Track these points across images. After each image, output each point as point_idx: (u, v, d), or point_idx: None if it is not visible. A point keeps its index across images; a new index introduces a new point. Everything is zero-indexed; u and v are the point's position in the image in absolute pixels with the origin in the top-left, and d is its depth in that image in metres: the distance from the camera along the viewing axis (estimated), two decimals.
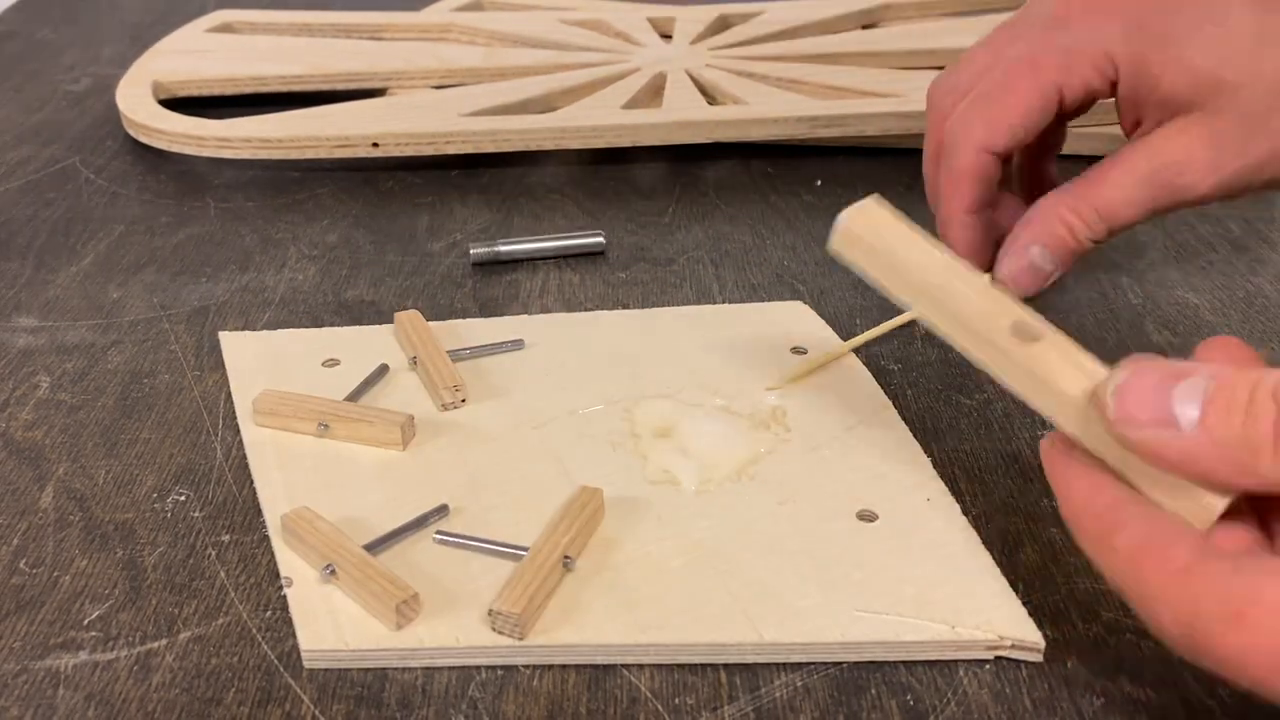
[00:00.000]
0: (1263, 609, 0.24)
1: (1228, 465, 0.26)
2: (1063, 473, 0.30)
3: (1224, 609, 0.25)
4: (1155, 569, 0.26)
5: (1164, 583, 0.26)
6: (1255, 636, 0.24)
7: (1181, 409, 0.27)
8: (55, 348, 0.48)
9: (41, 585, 0.36)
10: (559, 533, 0.36)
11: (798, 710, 0.32)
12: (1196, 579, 0.26)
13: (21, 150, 0.67)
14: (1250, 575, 0.25)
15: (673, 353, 0.46)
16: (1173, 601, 0.26)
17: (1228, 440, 0.26)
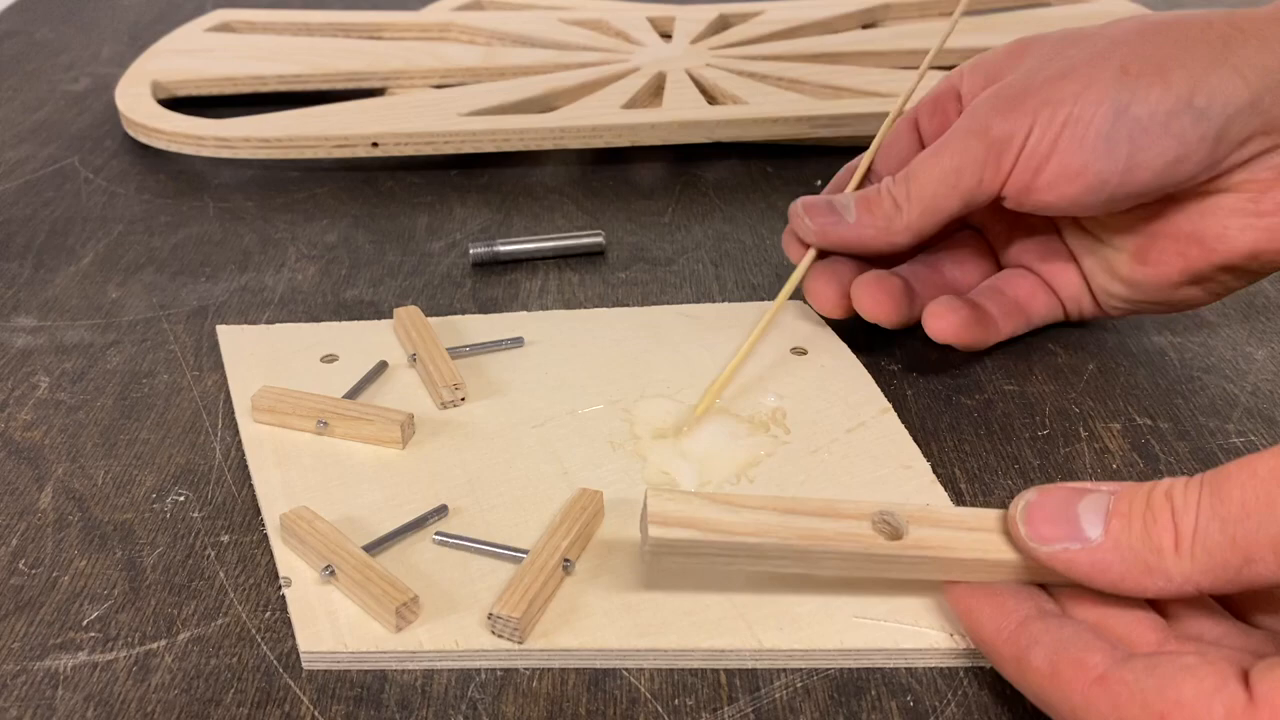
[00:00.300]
0: (1182, 710, 0.25)
1: (1136, 569, 0.27)
2: (967, 603, 0.31)
3: (1145, 713, 0.25)
4: (1073, 680, 0.27)
5: (1085, 693, 0.27)
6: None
7: (1087, 522, 0.28)
8: (54, 348, 0.48)
9: (40, 586, 0.36)
10: (558, 535, 0.36)
11: (798, 711, 0.32)
12: (1115, 685, 0.26)
13: (20, 150, 0.67)
14: (1166, 676, 0.25)
15: (673, 352, 0.46)
16: (1096, 711, 0.26)
17: (1132, 545, 0.27)
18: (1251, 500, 0.26)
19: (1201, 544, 0.26)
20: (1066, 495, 0.29)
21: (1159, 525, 0.27)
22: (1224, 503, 0.26)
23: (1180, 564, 0.27)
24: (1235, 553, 0.26)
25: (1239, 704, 0.24)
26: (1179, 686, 0.25)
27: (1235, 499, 0.26)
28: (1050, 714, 0.28)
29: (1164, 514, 0.27)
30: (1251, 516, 0.26)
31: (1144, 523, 0.27)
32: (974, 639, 0.31)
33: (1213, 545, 0.26)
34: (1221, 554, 0.26)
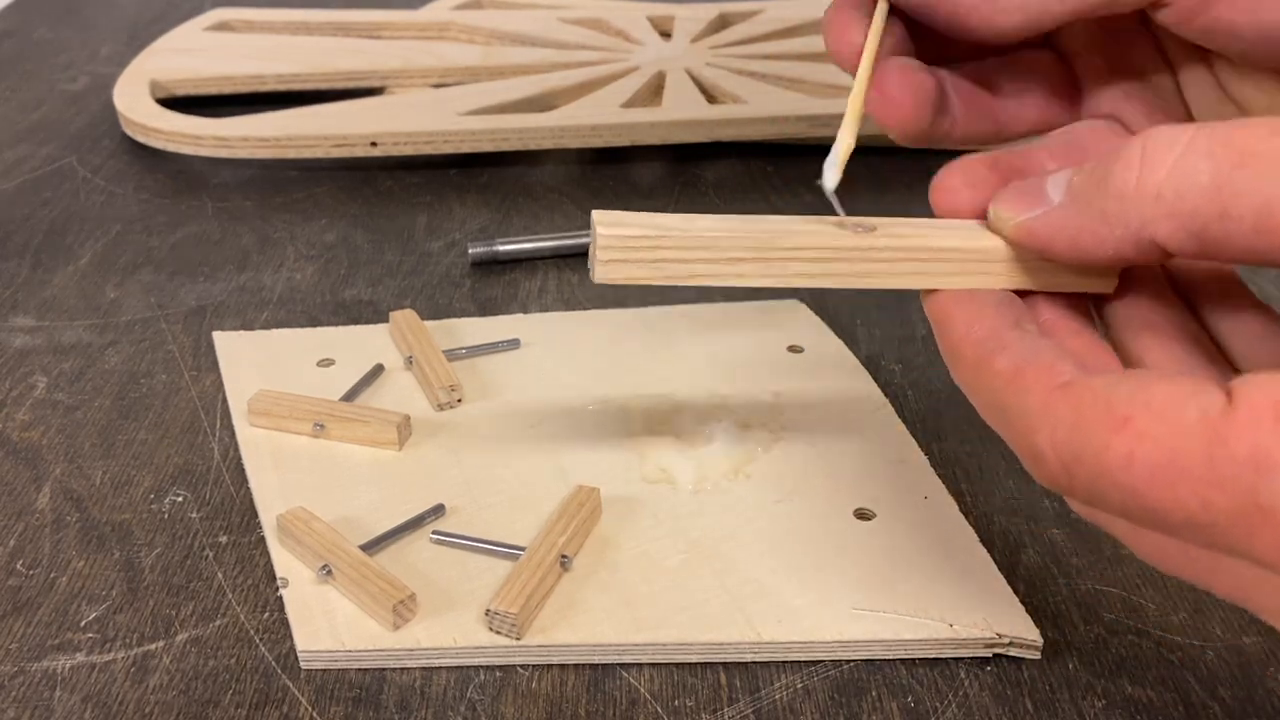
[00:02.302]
0: (1151, 412, 0.21)
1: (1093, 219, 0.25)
2: (942, 306, 0.28)
3: (1109, 416, 0.22)
4: (1036, 384, 0.24)
5: (1045, 398, 0.23)
6: (1140, 443, 0.21)
7: (1053, 188, 0.26)
8: (52, 348, 0.48)
9: (38, 586, 0.36)
10: (556, 532, 0.36)
11: (798, 712, 0.32)
12: (1081, 389, 0.23)
13: (18, 149, 0.67)
14: (1137, 381, 0.22)
15: (670, 351, 0.46)
16: (1053, 415, 0.23)
17: (1089, 193, 0.25)
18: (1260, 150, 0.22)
19: (1176, 181, 0.23)
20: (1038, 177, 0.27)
21: (1122, 164, 0.24)
22: (1222, 144, 0.22)
23: (1141, 205, 0.23)
24: (1212, 201, 0.22)
25: (1216, 406, 0.21)
26: (1149, 389, 0.22)
27: (1237, 145, 0.22)
28: (1000, 425, 0.26)
29: (1132, 153, 0.24)
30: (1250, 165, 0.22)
31: (1106, 169, 0.24)
32: (943, 343, 0.28)
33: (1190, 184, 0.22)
34: (1195, 197, 0.22)
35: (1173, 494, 0.21)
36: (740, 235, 0.28)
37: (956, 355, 0.27)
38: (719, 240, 0.28)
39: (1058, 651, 0.33)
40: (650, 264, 0.28)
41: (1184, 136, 0.23)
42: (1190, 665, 0.33)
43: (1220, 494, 0.20)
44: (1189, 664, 0.33)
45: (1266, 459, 0.20)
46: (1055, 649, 0.34)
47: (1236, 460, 0.20)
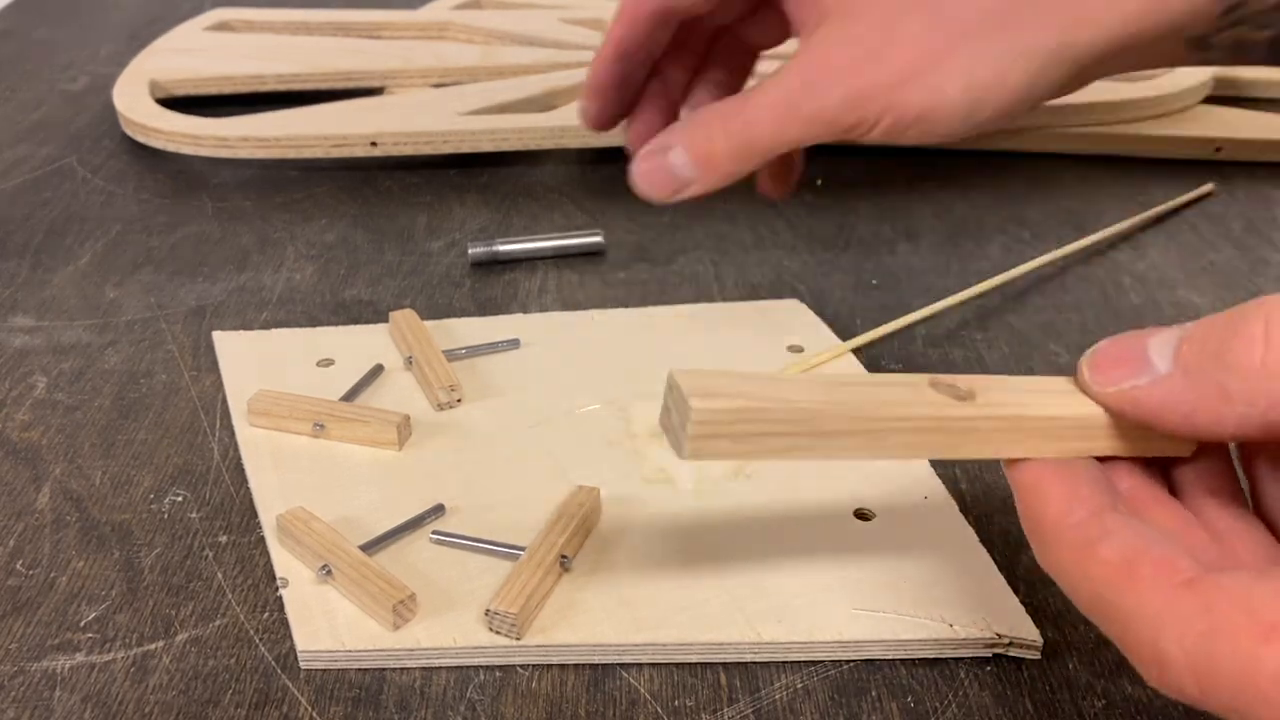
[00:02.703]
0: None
1: (1210, 395, 0.23)
2: (1036, 478, 0.26)
3: (1253, 623, 0.20)
4: (1154, 580, 0.22)
5: (1168, 596, 0.22)
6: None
7: (1157, 355, 0.25)
8: (52, 348, 0.48)
9: (38, 586, 0.36)
10: (555, 532, 0.36)
11: (798, 712, 0.32)
12: (1213, 589, 0.21)
13: (18, 149, 0.67)
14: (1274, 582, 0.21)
15: (670, 351, 0.46)
16: (1180, 616, 0.21)
17: (1204, 368, 0.23)
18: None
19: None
20: (1137, 335, 0.25)
21: (1240, 339, 0.23)
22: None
23: (1270, 383, 0.22)
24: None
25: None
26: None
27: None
28: (1105, 621, 0.23)
29: (1252, 324, 0.23)
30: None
31: (1220, 342, 0.23)
32: (1033, 521, 0.26)
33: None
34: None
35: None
36: (838, 405, 0.26)
37: (1055, 538, 0.25)
38: (818, 414, 0.26)
39: (1058, 652, 0.33)
40: (747, 438, 0.26)
41: None
42: None
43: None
44: None
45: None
46: (1055, 649, 0.34)
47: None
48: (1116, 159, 0.65)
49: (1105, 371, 0.26)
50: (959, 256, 0.55)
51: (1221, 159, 0.64)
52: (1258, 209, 0.59)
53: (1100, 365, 0.26)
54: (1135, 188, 0.62)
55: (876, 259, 0.55)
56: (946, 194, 0.61)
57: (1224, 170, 0.63)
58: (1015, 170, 0.64)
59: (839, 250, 0.56)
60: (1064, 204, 0.60)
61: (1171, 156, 0.64)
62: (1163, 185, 0.62)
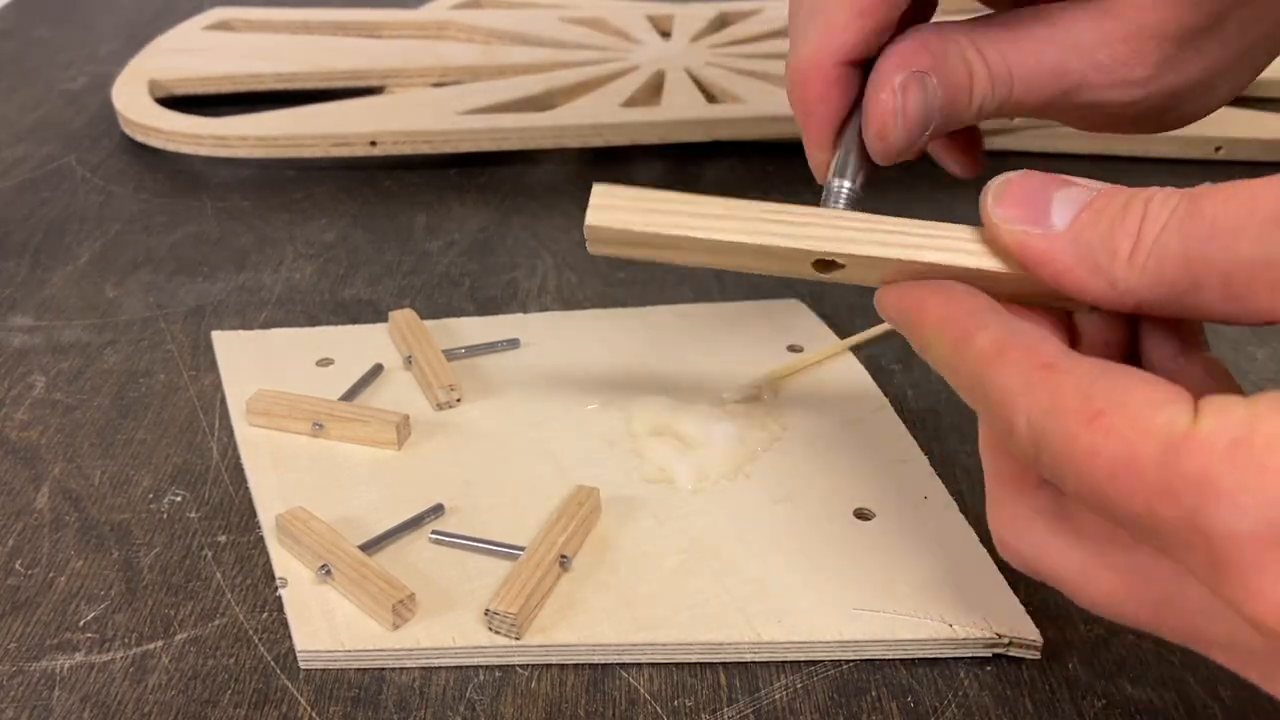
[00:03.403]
0: (1124, 414, 0.22)
1: (1085, 266, 0.25)
2: (914, 294, 0.28)
3: (1084, 406, 0.23)
4: (1018, 362, 0.24)
5: (1026, 377, 0.24)
6: (1107, 440, 0.22)
7: (1058, 210, 0.26)
8: (51, 347, 0.48)
9: (37, 586, 0.36)
10: (555, 532, 0.36)
11: (797, 712, 0.32)
12: (1061, 373, 0.24)
13: (17, 149, 0.66)
14: (1119, 377, 0.23)
15: (669, 351, 0.46)
16: (1031, 395, 0.24)
17: (1090, 242, 0.25)
18: (1222, 221, 0.23)
19: (1156, 255, 0.24)
20: (1046, 181, 0.27)
21: (1124, 227, 0.25)
22: (1193, 218, 0.24)
23: (1129, 273, 0.25)
24: (1185, 273, 0.24)
25: (1182, 421, 0.22)
26: (1128, 389, 0.22)
27: (1206, 217, 0.24)
28: (978, 402, 0.26)
29: (1133, 217, 0.25)
30: (1215, 239, 0.23)
31: (1111, 223, 0.25)
32: (915, 330, 0.28)
33: (1166, 258, 0.24)
34: (1171, 270, 0.24)
35: (1127, 494, 0.22)
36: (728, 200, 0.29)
37: (936, 335, 0.27)
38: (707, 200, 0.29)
39: (1058, 651, 0.33)
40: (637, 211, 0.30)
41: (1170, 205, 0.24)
42: (1190, 665, 0.33)
43: (1166, 505, 0.21)
44: (1189, 664, 0.33)
45: (1211, 485, 0.21)
46: (1055, 649, 0.33)
47: (1185, 478, 0.21)
48: (1116, 159, 0.65)
49: (1006, 206, 0.27)
50: None
51: (1221, 159, 0.64)
52: None
53: (1004, 199, 0.27)
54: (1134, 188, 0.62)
55: None
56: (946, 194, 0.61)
57: (1224, 170, 0.63)
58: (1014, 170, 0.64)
59: None
60: None
61: (1171, 156, 0.64)
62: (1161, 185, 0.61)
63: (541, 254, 0.55)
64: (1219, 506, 0.21)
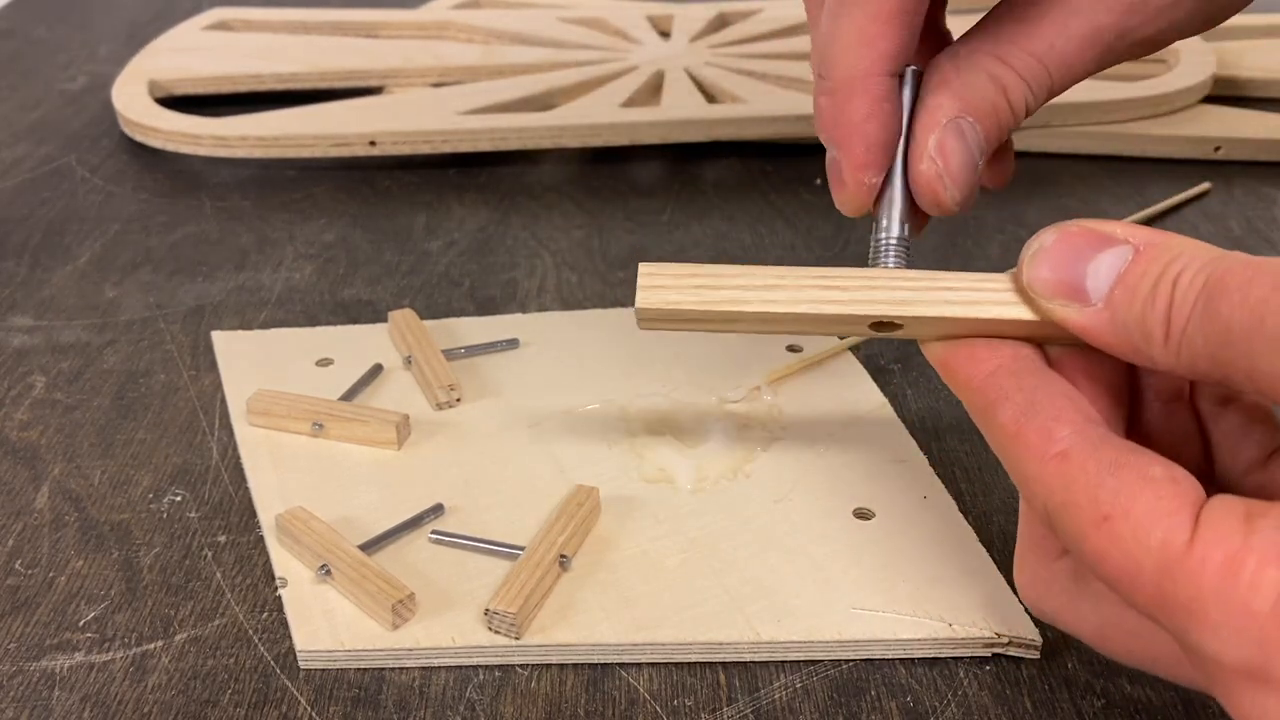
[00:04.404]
0: (1127, 523, 0.23)
1: (1126, 346, 0.26)
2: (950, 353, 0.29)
3: (1092, 508, 0.24)
4: (1033, 447, 0.25)
5: (1041, 467, 0.25)
6: (1113, 546, 0.23)
7: (1094, 282, 0.26)
8: (50, 347, 0.48)
9: (37, 586, 0.36)
10: (555, 532, 0.36)
11: (797, 711, 0.32)
12: (1073, 467, 0.25)
13: (17, 149, 0.67)
14: (1126, 479, 0.24)
15: (669, 351, 0.46)
16: (1045, 486, 0.25)
17: (1127, 323, 0.25)
18: (1237, 325, 0.23)
19: (1186, 347, 0.25)
20: (1080, 246, 0.26)
21: (1155, 313, 0.25)
22: (1212, 319, 0.24)
23: (1165, 356, 0.25)
24: (1214, 367, 0.24)
25: (1179, 541, 0.23)
26: (1134, 496, 0.24)
27: (1223, 319, 0.24)
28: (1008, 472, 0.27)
29: (1162, 302, 0.25)
30: (1234, 344, 0.24)
31: (1144, 306, 0.25)
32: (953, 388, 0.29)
33: (1195, 352, 0.24)
34: (1202, 363, 0.24)
35: (1131, 595, 0.24)
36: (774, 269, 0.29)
37: (966, 400, 0.28)
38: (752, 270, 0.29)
39: (1057, 651, 0.33)
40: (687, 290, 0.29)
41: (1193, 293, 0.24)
42: None
43: (1164, 618, 0.23)
44: None
45: (1199, 614, 0.22)
46: (1054, 648, 0.33)
47: (1177, 602, 0.22)
48: (1116, 158, 0.65)
49: (1042, 277, 0.27)
50: (958, 256, 0.55)
51: (1220, 158, 0.64)
52: (1257, 208, 0.59)
53: (1038, 267, 0.27)
54: (1134, 187, 0.62)
55: None
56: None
57: (1223, 170, 0.63)
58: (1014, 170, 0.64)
59: (839, 250, 0.56)
60: (1063, 203, 0.60)
61: (1171, 156, 0.64)
62: (1162, 185, 0.62)
63: (541, 254, 0.55)
64: (1204, 635, 0.22)
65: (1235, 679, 0.22)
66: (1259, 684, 0.22)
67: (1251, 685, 0.22)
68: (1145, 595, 0.23)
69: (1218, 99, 0.69)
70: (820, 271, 0.29)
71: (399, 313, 0.47)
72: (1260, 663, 0.22)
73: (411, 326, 0.46)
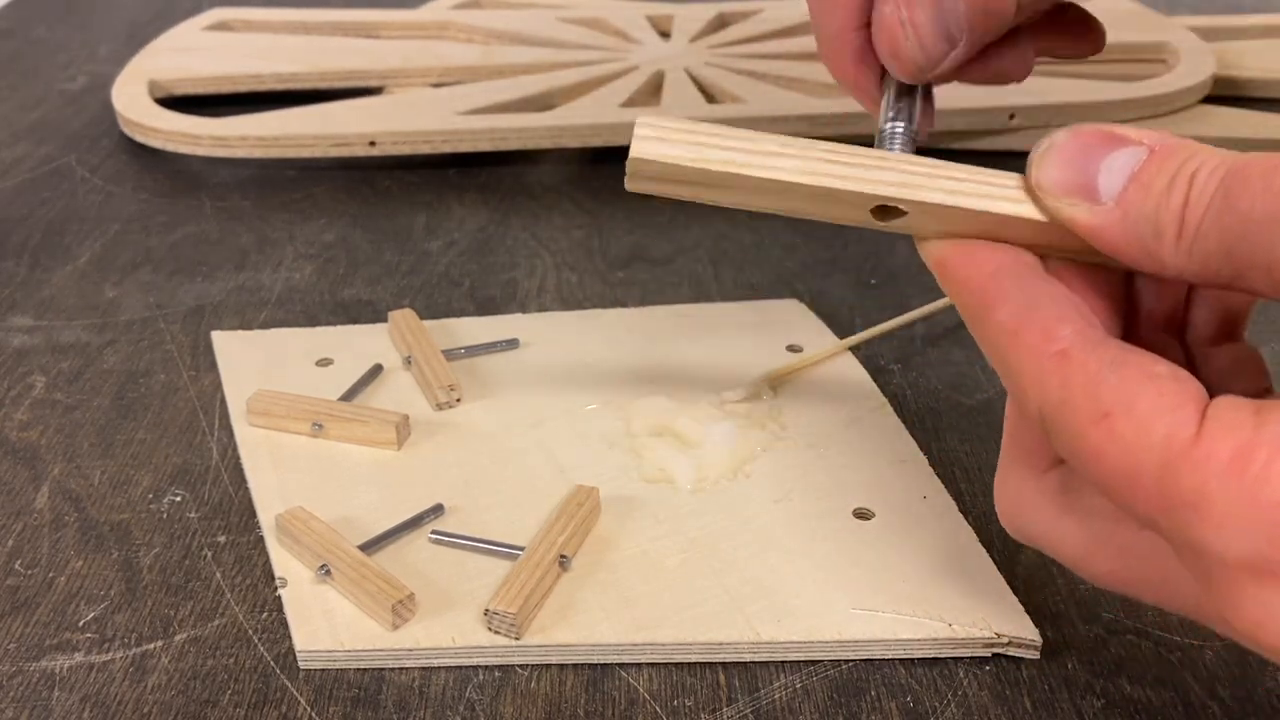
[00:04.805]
0: (1129, 420, 0.23)
1: (1135, 246, 0.25)
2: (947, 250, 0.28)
3: (1092, 405, 0.23)
4: (1032, 347, 0.25)
5: (1039, 364, 0.24)
6: (1112, 444, 0.23)
7: (1106, 179, 0.25)
8: (50, 347, 0.48)
9: (37, 586, 0.36)
10: (555, 532, 0.36)
11: (797, 711, 0.32)
12: (1073, 364, 0.24)
13: (17, 149, 0.67)
14: (1128, 376, 0.23)
15: (669, 351, 0.46)
16: (1043, 384, 0.24)
17: (1138, 221, 0.25)
18: (1258, 215, 0.23)
19: (1200, 244, 0.24)
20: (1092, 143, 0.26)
21: (1170, 208, 0.24)
22: (1230, 211, 0.23)
23: (1176, 256, 0.24)
24: (1228, 263, 0.24)
25: (1183, 434, 0.22)
26: (1136, 392, 0.23)
27: (1242, 210, 0.23)
28: (1001, 375, 0.26)
29: (1178, 197, 0.24)
30: (1251, 235, 0.23)
31: (1158, 201, 0.24)
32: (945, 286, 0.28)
33: (1209, 249, 0.24)
34: (1215, 261, 0.24)
35: (1129, 497, 0.23)
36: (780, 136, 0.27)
37: (960, 300, 0.27)
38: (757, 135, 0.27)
39: (1056, 651, 0.33)
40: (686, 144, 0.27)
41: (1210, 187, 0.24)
42: (1189, 665, 0.33)
43: (1164, 518, 0.22)
44: (1188, 663, 0.33)
45: (1204, 506, 0.22)
46: (1054, 648, 0.34)
47: (1181, 496, 0.22)
48: None
49: (1052, 175, 0.26)
50: None
51: None
52: None
53: (1047, 165, 0.26)
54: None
55: (875, 258, 0.55)
56: None
57: None
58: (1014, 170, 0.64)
59: (838, 250, 0.56)
60: None
61: None
62: None
63: (541, 254, 0.55)
64: (1208, 530, 0.22)
65: (1239, 575, 0.22)
66: (1265, 578, 0.22)
67: (1255, 581, 0.22)
68: (1145, 494, 0.23)
69: (1218, 99, 0.69)
70: (828, 145, 0.27)
71: (399, 313, 0.47)
72: (1268, 554, 0.21)
73: (411, 326, 0.46)
